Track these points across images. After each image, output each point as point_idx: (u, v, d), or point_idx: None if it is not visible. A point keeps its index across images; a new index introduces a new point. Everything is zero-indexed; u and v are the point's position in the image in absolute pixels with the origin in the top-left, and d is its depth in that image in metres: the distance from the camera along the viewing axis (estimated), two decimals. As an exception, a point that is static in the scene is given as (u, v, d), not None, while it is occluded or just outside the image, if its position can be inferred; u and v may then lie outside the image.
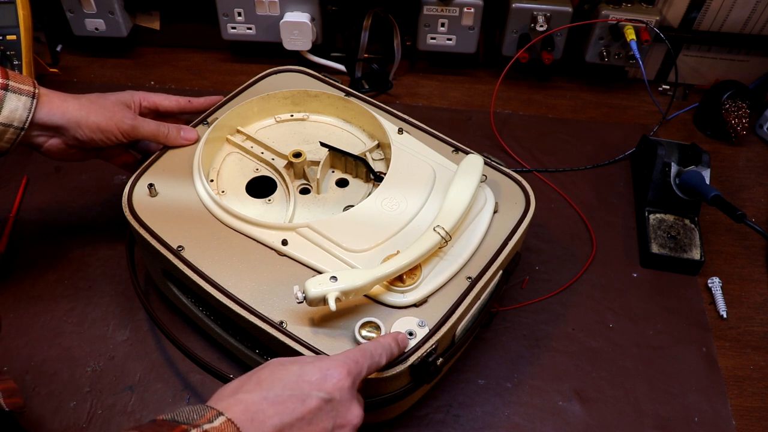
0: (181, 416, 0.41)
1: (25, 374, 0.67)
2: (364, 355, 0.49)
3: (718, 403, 0.68)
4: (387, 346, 0.51)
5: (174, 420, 0.40)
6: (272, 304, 0.57)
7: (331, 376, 0.46)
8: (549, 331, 0.73)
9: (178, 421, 0.40)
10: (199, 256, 0.60)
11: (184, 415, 0.41)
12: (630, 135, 0.97)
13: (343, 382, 0.46)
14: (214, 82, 1.04)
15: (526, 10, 0.96)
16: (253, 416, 0.42)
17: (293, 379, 0.45)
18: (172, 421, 0.40)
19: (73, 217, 0.82)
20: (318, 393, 0.45)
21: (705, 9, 0.95)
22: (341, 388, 0.46)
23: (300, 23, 0.97)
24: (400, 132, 0.72)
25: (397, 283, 0.57)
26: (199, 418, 0.41)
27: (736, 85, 0.96)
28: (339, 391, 0.46)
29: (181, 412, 0.41)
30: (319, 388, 0.45)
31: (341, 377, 0.46)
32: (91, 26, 1.01)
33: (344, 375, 0.47)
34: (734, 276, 0.80)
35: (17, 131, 0.60)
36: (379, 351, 0.51)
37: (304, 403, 0.44)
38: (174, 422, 0.40)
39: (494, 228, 0.64)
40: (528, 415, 0.66)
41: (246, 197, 0.68)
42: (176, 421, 0.40)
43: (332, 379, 0.46)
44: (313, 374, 0.46)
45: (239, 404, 0.43)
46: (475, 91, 1.05)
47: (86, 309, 0.73)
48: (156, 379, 0.67)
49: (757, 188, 0.92)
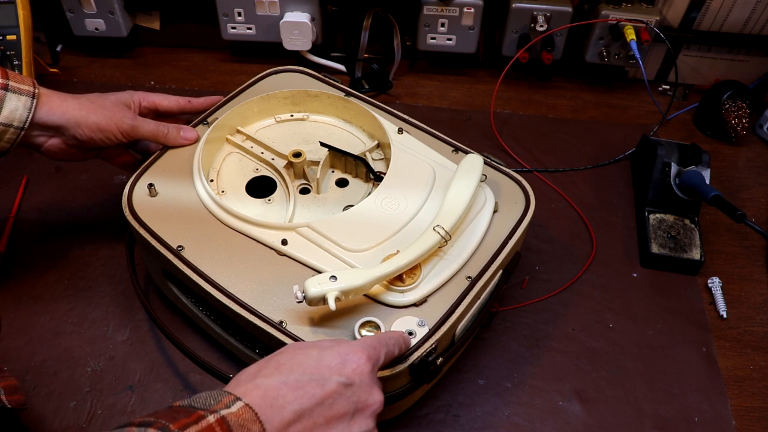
0: (198, 402, 0.41)
1: (25, 374, 0.67)
2: (381, 343, 0.49)
3: (718, 403, 0.68)
4: (399, 339, 0.52)
5: (191, 406, 0.40)
6: (272, 304, 0.57)
7: (351, 361, 0.46)
8: (549, 331, 0.73)
9: (194, 407, 0.40)
10: (199, 256, 0.60)
11: (201, 401, 0.41)
12: (630, 135, 0.97)
13: (363, 366, 0.46)
14: (214, 82, 1.04)
15: (526, 10, 0.96)
16: (272, 401, 0.42)
17: (312, 363, 0.45)
18: (188, 407, 0.40)
19: (73, 217, 0.82)
20: (338, 378, 0.45)
21: (705, 9, 0.95)
22: (361, 373, 0.46)
23: (300, 23, 0.97)
24: (400, 132, 0.72)
25: (396, 282, 0.57)
26: (216, 404, 0.40)
27: (736, 85, 0.96)
28: (359, 376, 0.46)
29: (198, 397, 0.41)
30: (339, 373, 0.45)
31: (361, 362, 0.46)
32: (91, 26, 1.01)
33: (364, 360, 0.46)
34: (734, 276, 0.80)
35: (17, 131, 0.60)
36: (393, 342, 0.51)
37: (324, 388, 0.44)
38: (191, 408, 0.40)
39: (494, 228, 0.64)
40: (528, 415, 0.66)
41: (246, 197, 0.68)
42: (193, 407, 0.40)
43: (352, 363, 0.46)
44: (333, 359, 0.46)
45: (258, 389, 0.42)
46: (475, 91, 1.05)
47: (86, 309, 0.73)
48: (156, 379, 0.67)
49: (757, 188, 0.92)
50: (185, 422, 0.38)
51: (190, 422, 0.38)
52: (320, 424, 0.43)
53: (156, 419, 0.38)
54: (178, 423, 0.38)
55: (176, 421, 0.38)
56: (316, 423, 0.43)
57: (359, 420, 0.46)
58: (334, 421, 0.44)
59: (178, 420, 0.38)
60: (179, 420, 0.38)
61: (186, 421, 0.38)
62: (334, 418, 0.44)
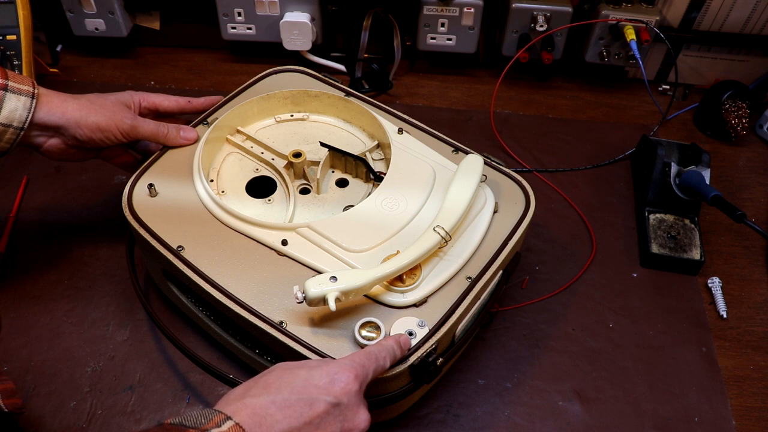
0: (189, 420, 0.41)
1: (25, 374, 0.67)
2: (370, 359, 0.49)
3: (718, 403, 0.68)
4: (390, 349, 0.51)
5: (182, 424, 0.40)
6: (272, 304, 0.57)
7: (339, 380, 0.46)
8: (549, 331, 0.73)
9: (186, 425, 0.40)
10: (199, 256, 0.60)
11: (192, 420, 0.41)
12: (630, 135, 0.97)
13: (351, 386, 0.46)
14: (214, 82, 1.04)
15: (526, 10, 0.96)
16: (261, 420, 0.42)
17: (301, 383, 0.45)
18: (180, 425, 0.40)
19: (73, 217, 0.82)
20: (326, 397, 0.45)
21: (705, 9, 0.95)
22: (349, 392, 0.46)
23: (300, 23, 0.97)
24: (400, 132, 0.72)
25: (397, 283, 0.57)
26: (206, 422, 0.41)
27: (736, 85, 0.96)
28: (347, 396, 0.46)
29: (189, 416, 0.41)
30: (327, 393, 0.45)
31: (349, 381, 0.46)
32: (91, 26, 1.01)
33: (352, 379, 0.46)
34: (734, 276, 0.80)
35: (17, 131, 0.60)
36: (384, 354, 0.51)
37: (312, 408, 0.44)
38: (182, 426, 0.40)
39: (494, 228, 0.64)
40: (528, 415, 0.66)
41: (246, 197, 0.68)
42: (184, 425, 0.40)
43: (340, 383, 0.46)
44: (321, 378, 0.46)
45: (246, 408, 0.43)
46: (475, 91, 1.05)
47: (86, 309, 0.73)
48: (156, 379, 0.67)
49: (757, 188, 0.92)
50: None
51: None
52: None
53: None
54: None
55: None
56: None
57: None
58: None
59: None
60: None
61: None
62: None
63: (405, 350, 0.53)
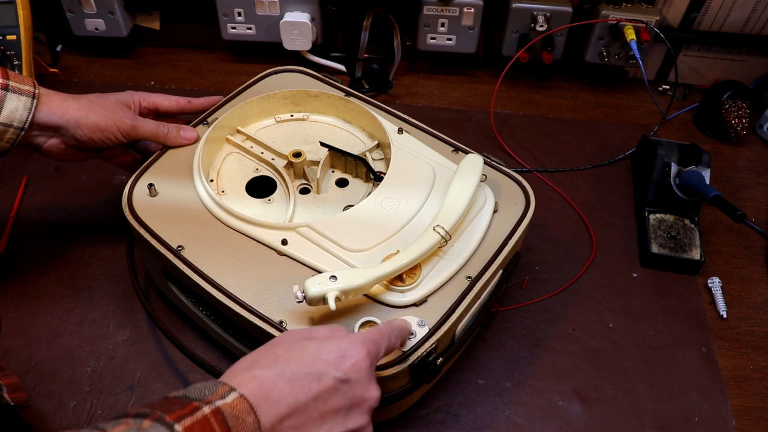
0: (193, 393, 0.40)
1: (25, 374, 0.67)
2: (382, 336, 0.49)
3: (718, 403, 0.68)
4: (399, 329, 0.51)
5: (185, 396, 0.40)
6: (272, 304, 0.57)
7: (350, 356, 0.45)
8: (549, 331, 0.73)
9: (189, 398, 0.40)
10: (199, 256, 0.60)
11: (195, 392, 0.40)
12: (630, 135, 0.97)
13: (362, 362, 0.45)
14: (214, 82, 1.04)
15: (526, 10, 0.96)
16: (268, 394, 0.42)
17: (310, 356, 0.45)
18: (183, 397, 0.40)
19: (73, 217, 0.82)
20: (335, 373, 0.44)
21: (705, 9, 0.95)
22: (359, 369, 0.45)
23: (300, 23, 0.97)
24: (400, 132, 0.72)
25: (396, 282, 0.57)
26: (211, 395, 0.40)
27: (736, 85, 0.96)
28: (356, 372, 0.45)
29: (193, 388, 0.41)
30: (337, 368, 0.44)
31: (360, 358, 0.45)
32: (91, 26, 1.01)
33: (363, 355, 0.46)
34: (734, 276, 0.80)
35: (17, 131, 0.60)
36: (395, 333, 0.50)
37: (320, 383, 0.43)
38: (186, 399, 0.40)
39: (494, 228, 0.64)
40: (528, 415, 0.66)
41: (246, 197, 0.68)
42: (188, 398, 0.40)
43: (350, 359, 0.45)
44: (331, 353, 0.45)
45: (254, 380, 0.42)
46: (475, 91, 1.05)
47: (86, 309, 0.73)
48: (156, 379, 0.67)
49: (757, 188, 0.92)
50: (180, 413, 0.38)
51: (185, 413, 0.38)
52: (314, 418, 0.43)
53: (152, 410, 0.38)
54: (173, 414, 0.38)
55: (171, 412, 0.38)
56: (310, 417, 0.43)
57: (354, 416, 0.45)
58: (328, 416, 0.44)
59: (173, 411, 0.38)
60: (174, 411, 0.38)
61: (181, 413, 0.38)
62: (328, 413, 0.44)
63: (407, 335, 0.53)
